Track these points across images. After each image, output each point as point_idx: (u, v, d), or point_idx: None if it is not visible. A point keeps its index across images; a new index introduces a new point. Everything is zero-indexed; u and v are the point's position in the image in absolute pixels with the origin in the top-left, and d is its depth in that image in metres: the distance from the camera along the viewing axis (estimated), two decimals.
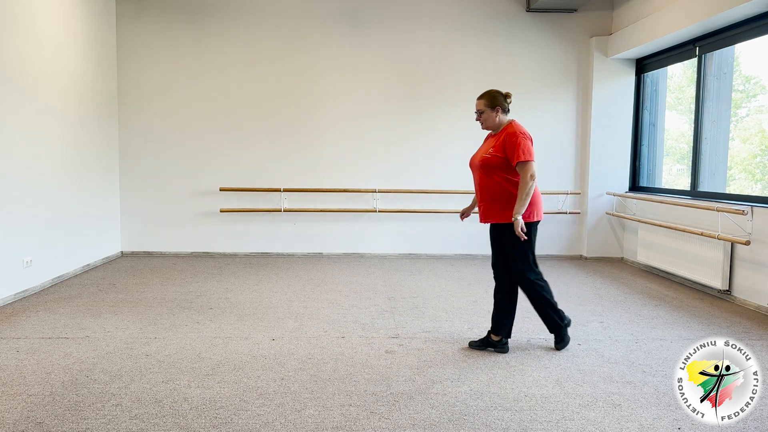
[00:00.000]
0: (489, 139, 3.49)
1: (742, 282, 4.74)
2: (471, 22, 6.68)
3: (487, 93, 3.42)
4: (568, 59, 6.75)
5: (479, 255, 6.85)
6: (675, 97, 6.64)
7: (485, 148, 3.43)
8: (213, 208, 6.74)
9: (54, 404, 2.68)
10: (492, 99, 3.39)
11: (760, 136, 5.50)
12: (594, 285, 5.40)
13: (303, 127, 6.72)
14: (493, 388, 2.93)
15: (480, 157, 3.40)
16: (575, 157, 6.86)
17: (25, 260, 4.77)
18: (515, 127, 3.36)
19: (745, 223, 4.63)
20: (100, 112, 6.18)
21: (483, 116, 3.42)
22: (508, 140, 3.28)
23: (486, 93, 3.43)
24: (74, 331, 3.79)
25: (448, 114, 6.76)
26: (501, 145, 3.30)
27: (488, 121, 3.42)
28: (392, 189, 6.72)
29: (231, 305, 4.50)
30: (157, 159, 6.67)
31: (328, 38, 6.65)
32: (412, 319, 4.18)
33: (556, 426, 2.53)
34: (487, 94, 3.42)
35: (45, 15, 5.07)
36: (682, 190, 5.80)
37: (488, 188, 3.38)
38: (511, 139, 3.27)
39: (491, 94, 3.41)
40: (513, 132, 3.31)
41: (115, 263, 6.24)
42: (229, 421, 2.53)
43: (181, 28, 6.58)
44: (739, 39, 5.01)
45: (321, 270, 5.95)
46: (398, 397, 2.80)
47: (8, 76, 4.53)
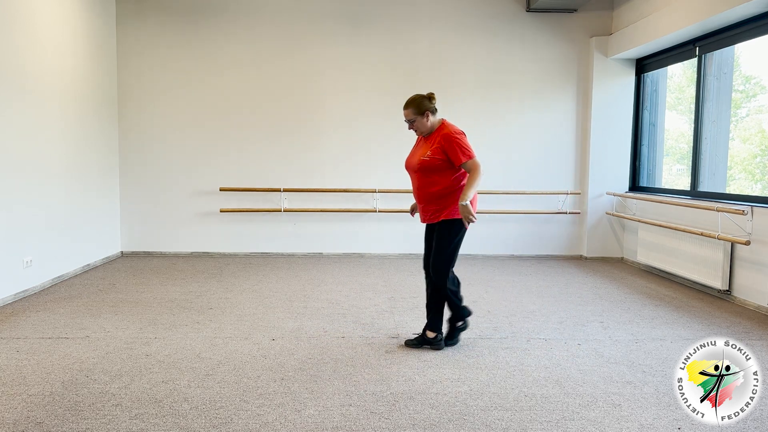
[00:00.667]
0: (424, 141, 3.48)
1: (742, 282, 4.74)
2: (471, 22, 6.68)
3: (412, 101, 3.41)
4: (568, 59, 6.75)
5: (479, 255, 6.85)
6: (675, 97, 6.65)
7: (422, 151, 3.42)
8: (213, 208, 6.74)
9: (54, 404, 2.68)
10: (418, 105, 3.39)
11: (760, 136, 5.50)
12: (594, 285, 5.40)
13: (303, 127, 6.72)
14: (493, 388, 2.93)
15: (418, 160, 3.40)
16: (575, 157, 6.86)
17: (25, 260, 4.77)
18: (449, 127, 3.39)
19: (745, 223, 4.63)
20: (100, 112, 6.18)
21: (415, 124, 3.43)
22: (446, 142, 3.31)
23: (411, 101, 3.41)
24: (74, 331, 3.79)
25: (447, 114, 6.72)
26: (440, 148, 3.33)
27: (421, 128, 3.44)
28: (392, 189, 6.72)
29: (231, 305, 4.50)
30: (157, 159, 6.67)
31: (329, 38, 6.65)
32: (412, 319, 4.18)
33: (556, 426, 2.53)
34: (412, 102, 3.40)
35: (45, 15, 5.07)
36: (682, 190, 5.80)
37: (427, 190, 3.41)
38: (449, 141, 3.30)
39: (416, 101, 3.40)
40: (448, 133, 3.34)
41: (115, 263, 6.24)
42: (229, 421, 2.53)
43: (181, 28, 6.58)
44: (739, 39, 5.01)
45: (321, 270, 5.95)
46: (398, 397, 2.80)
47: (8, 76, 4.53)
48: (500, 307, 4.52)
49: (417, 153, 3.47)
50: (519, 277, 5.74)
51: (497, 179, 6.78)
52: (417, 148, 3.52)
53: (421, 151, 3.43)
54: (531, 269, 6.14)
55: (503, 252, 6.90)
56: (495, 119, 6.77)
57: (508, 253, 6.90)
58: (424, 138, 3.50)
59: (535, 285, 5.36)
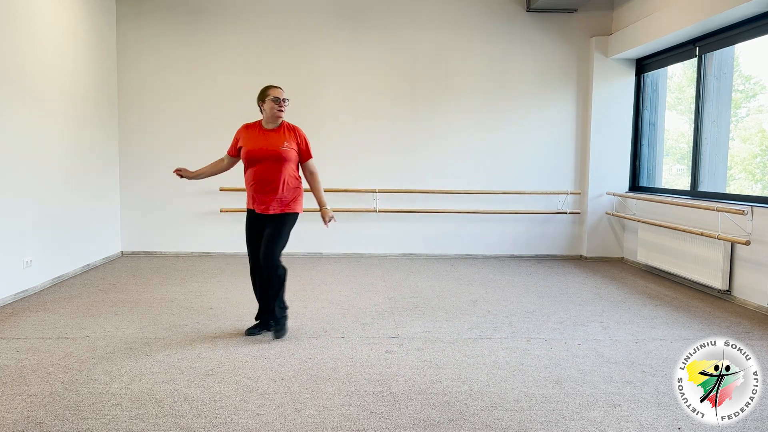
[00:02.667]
0: (271, 132, 3.62)
1: (742, 282, 4.74)
2: (471, 22, 6.68)
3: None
4: (568, 59, 6.75)
5: (479, 255, 6.85)
6: (675, 97, 6.65)
7: (276, 141, 3.57)
8: (213, 208, 6.74)
9: (54, 404, 2.68)
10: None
11: (760, 136, 5.51)
12: (594, 285, 5.40)
13: (303, 127, 6.69)
14: (493, 388, 2.93)
15: (275, 149, 3.55)
16: (575, 157, 6.86)
17: (25, 260, 4.77)
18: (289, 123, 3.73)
19: (745, 223, 4.63)
20: (100, 112, 6.18)
21: (285, 107, 3.63)
22: (299, 135, 3.68)
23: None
24: (74, 331, 3.79)
25: (447, 114, 6.76)
26: (294, 140, 3.64)
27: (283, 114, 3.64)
28: (392, 189, 6.72)
29: (231, 305, 4.50)
30: (157, 159, 6.66)
31: (329, 38, 6.65)
32: (412, 319, 4.18)
33: (556, 426, 2.53)
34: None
35: (45, 15, 5.07)
36: (682, 190, 5.80)
37: (280, 179, 3.58)
38: (302, 135, 3.69)
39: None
40: (296, 127, 3.71)
41: (115, 263, 6.24)
42: (229, 421, 2.53)
43: (181, 28, 6.58)
44: (739, 39, 5.01)
45: (321, 270, 5.95)
46: (398, 397, 2.80)
47: (8, 76, 4.53)
48: (500, 307, 4.52)
49: (270, 142, 3.59)
50: (519, 277, 5.74)
51: (497, 179, 6.78)
52: (265, 139, 3.61)
53: (274, 142, 3.59)
54: (531, 269, 6.14)
55: (503, 252, 6.90)
56: (495, 119, 6.77)
57: (508, 253, 6.90)
58: (270, 130, 3.64)
59: (535, 285, 5.36)
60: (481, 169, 6.79)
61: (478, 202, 6.81)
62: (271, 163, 3.55)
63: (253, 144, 3.60)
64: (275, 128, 3.65)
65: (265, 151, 3.55)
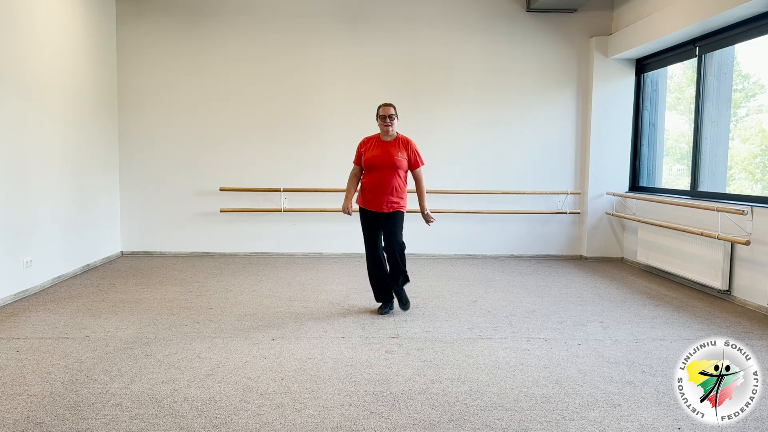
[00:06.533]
0: (386, 144, 4.17)
1: (742, 282, 4.74)
2: (471, 22, 6.68)
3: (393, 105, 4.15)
4: (568, 59, 6.75)
5: (479, 255, 6.85)
6: (675, 97, 6.65)
7: (391, 152, 4.12)
8: (213, 208, 6.74)
9: (54, 404, 2.68)
10: (395, 110, 4.16)
11: (760, 136, 5.50)
12: (594, 285, 5.41)
13: (303, 127, 6.72)
14: (493, 388, 2.93)
15: (390, 158, 4.11)
16: (575, 157, 6.86)
17: (25, 260, 4.77)
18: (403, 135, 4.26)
19: (745, 223, 4.63)
20: (100, 112, 6.18)
21: (394, 122, 4.13)
22: (411, 148, 4.20)
23: (393, 104, 4.15)
24: (74, 331, 3.79)
25: (448, 114, 6.76)
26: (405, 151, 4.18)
27: (394, 128, 4.16)
28: None
29: (231, 305, 4.50)
30: (157, 159, 6.67)
31: (329, 38, 6.65)
32: (412, 319, 4.18)
33: (556, 426, 2.53)
34: (394, 106, 4.15)
35: (45, 15, 5.07)
36: (682, 190, 5.80)
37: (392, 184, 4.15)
38: (413, 147, 4.21)
39: (394, 106, 4.16)
40: (409, 140, 4.23)
41: (115, 263, 6.24)
42: (229, 421, 2.53)
43: (181, 28, 6.58)
44: (739, 39, 5.01)
45: (321, 270, 5.95)
46: (398, 397, 2.80)
47: (8, 76, 4.53)
48: (500, 307, 4.52)
49: (388, 153, 4.13)
50: (519, 277, 5.74)
51: (497, 179, 6.78)
52: (383, 150, 4.16)
53: (392, 152, 4.13)
54: (531, 269, 6.14)
55: (503, 252, 6.90)
56: (495, 119, 6.77)
57: (508, 253, 6.90)
58: (386, 143, 4.17)
59: (535, 285, 5.36)
60: (481, 169, 6.79)
61: (477, 202, 6.81)
62: (386, 170, 4.13)
63: (371, 153, 4.18)
64: (391, 140, 4.20)
65: (382, 159, 4.13)
